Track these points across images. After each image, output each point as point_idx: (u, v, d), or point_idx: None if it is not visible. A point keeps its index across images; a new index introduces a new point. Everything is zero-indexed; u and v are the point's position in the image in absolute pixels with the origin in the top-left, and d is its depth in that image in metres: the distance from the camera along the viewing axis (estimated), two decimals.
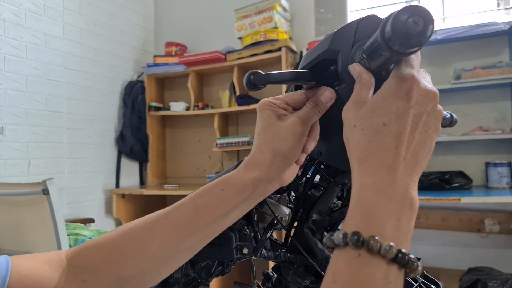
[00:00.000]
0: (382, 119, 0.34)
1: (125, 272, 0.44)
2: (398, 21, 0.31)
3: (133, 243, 0.44)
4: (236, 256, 0.55)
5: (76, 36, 2.50)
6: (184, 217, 0.43)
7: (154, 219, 0.44)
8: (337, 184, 0.55)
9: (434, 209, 2.34)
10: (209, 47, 2.84)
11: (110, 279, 0.44)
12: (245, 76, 0.40)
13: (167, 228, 0.43)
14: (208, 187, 0.44)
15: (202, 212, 0.43)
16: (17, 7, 2.15)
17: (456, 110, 2.28)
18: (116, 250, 0.44)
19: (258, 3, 2.49)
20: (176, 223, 0.44)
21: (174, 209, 0.44)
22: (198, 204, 0.44)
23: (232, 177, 0.44)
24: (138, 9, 3.06)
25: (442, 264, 2.32)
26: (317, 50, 0.45)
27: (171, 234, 0.43)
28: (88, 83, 2.58)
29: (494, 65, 2.08)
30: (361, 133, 0.35)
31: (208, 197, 0.44)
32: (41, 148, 2.27)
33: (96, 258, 0.44)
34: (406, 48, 0.32)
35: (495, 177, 2.10)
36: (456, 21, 2.38)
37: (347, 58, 0.41)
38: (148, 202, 2.89)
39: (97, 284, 0.44)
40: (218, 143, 2.61)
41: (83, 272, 0.44)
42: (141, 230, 0.44)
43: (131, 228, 0.45)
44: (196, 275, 0.61)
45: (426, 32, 0.31)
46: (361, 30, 0.41)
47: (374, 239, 0.29)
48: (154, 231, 0.44)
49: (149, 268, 0.45)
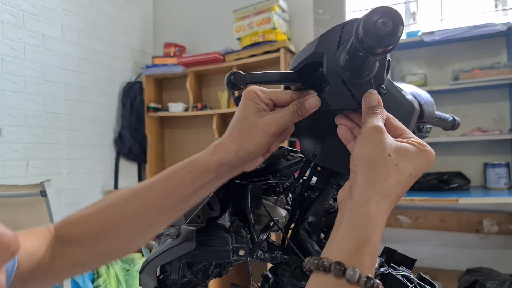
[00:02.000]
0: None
1: (106, 246, 0.48)
2: (368, 23, 0.32)
3: (110, 219, 0.47)
4: (233, 258, 0.55)
5: (74, 37, 2.50)
6: (155, 198, 0.46)
7: (128, 198, 0.47)
8: (332, 185, 0.55)
9: (432, 210, 2.34)
10: (208, 48, 2.84)
11: (94, 251, 0.48)
12: (225, 76, 0.41)
13: (139, 207, 0.47)
14: (177, 169, 0.47)
15: (171, 193, 0.46)
16: (15, 8, 2.15)
17: (455, 111, 2.29)
18: (95, 225, 0.47)
19: (257, 4, 2.49)
20: (148, 203, 0.46)
21: (145, 189, 0.47)
22: (168, 185, 0.46)
23: (199, 159, 0.46)
24: (137, 10, 3.06)
25: (440, 264, 2.33)
26: (304, 52, 0.45)
27: (143, 213, 0.47)
28: (86, 84, 2.58)
29: (492, 66, 2.08)
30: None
31: (177, 179, 0.46)
32: (39, 149, 2.27)
33: (79, 231, 0.48)
34: (379, 48, 0.33)
35: (494, 177, 2.10)
36: (454, 22, 2.39)
37: (332, 60, 0.41)
38: None
39: (85, 255, 0.48)
40: None
41: (71, 244, 0.48)
42: (116, 208, 0.48)
43: (107, 205, 0.48)
44: (193, 276, 0.61)
45: (396, 33, 0.32)
46: (346, 33, 0.42)
47: (355, 270, 0.33)
48: (127, 210, 0.47)
49: (126, 241, 0.49)
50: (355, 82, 0.40)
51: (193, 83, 2.80)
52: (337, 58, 0.41)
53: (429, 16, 2.47)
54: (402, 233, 2.43)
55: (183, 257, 0.56)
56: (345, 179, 0.55)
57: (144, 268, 0.59)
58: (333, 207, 0.61)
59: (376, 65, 0.40)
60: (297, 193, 0.62)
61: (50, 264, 0.47)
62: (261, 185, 0.58)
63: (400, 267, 0.56)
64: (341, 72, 0.40)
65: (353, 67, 0.39)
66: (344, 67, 0.40)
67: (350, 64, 0.39)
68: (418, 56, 2.41)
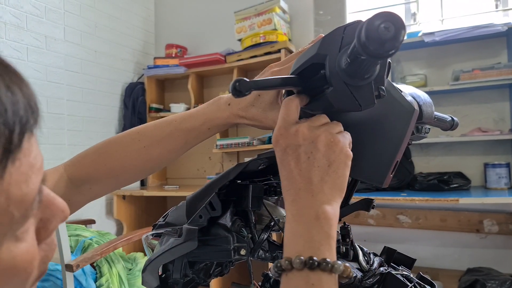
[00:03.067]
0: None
1: (121, 179, 0.57)
2: (370, 27, 0.33)
3: (125, 155, 0.56)
4: (234, 257, 0.56)
5: (77, 38, 2.52)
6: (177, 146, 0.57)
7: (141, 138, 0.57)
8: None
9: (433, 209, 2.35)
10: (209, 49, 2.85)
11: (111, 184, 0.56)
12: (230, 83, 0.42)
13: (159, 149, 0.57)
14: (195, 127, 0.56)
15: (192, 144, 0.58)
16: (18, 10, 2.17)
17: (455, 111, 2.29)
18: (112, 162, 0.55)
19: (258, 5, 2.50)
20: (168, 148, 0.57)
21: (169, 138, 0.56)
22: (190, 142, 0.57)
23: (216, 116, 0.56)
24: (139, 12, 3.07)
25: (441, 264, 2.33)
26: (307, 54, 0.46)
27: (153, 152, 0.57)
28: (89, 85, 2.60)
29: (492, 66, 2.09)
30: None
31: (197, 137, 0.57)
32: (42, 150, 2.24)
33: (96, 171, 0.55)
34: (381, 52, 0.33)
35: (494, 178, 2.11)
36: (455, 22, 2.39)
37: (334, 62, 0.42)
38: (149, 203, 2.90)
39: (102, 189, 0.56)
40: (218, 144, 2.62)
41: (88, 182, 0.55)
42: (129, 147, 0.56)
43: (118, 142, 0.56)
44: (194, 275, 0.62)
45: (398, 37, 0.33)
46: (348, 35, 0.42)
47: (289, 259, 0.36)
48: (143, 147, 0.57)
49: (141, 173, 0.58)
50: (356, 85, 0.41)
51: (194, 83, 2.81)
52: (339, 60, 0.41)
53: (429, 16, 2.48)
54: (402, 233, 2.43)
55: (185, 257, 0.57)
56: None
57: (146, 267, 0.60)
58: None
59: (377, 68, 0.41)
60: None
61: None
62: (262, 185, 0.59)
63: (400, 267, 0.57)
64: (342, 74, 0.41)
65: (354, 70, 0.40)
66: (346, 69, 0.40)
67: (351, 67, 0.39)
68: (418, 57, 2.41)
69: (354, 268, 0.55)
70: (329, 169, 0.40)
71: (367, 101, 0.42)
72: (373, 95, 0.41)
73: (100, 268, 1.79)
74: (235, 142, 2.56)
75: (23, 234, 0.25)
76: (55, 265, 1.74)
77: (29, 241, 0.25)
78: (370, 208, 0.57)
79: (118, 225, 2.79)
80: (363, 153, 0.49)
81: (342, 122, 0.50)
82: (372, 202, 0.57)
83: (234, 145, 2.56)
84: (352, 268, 0.53)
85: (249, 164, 0.54)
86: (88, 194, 0.56)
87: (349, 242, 0.59)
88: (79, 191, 0.55)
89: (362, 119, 0.49)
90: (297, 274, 0.36)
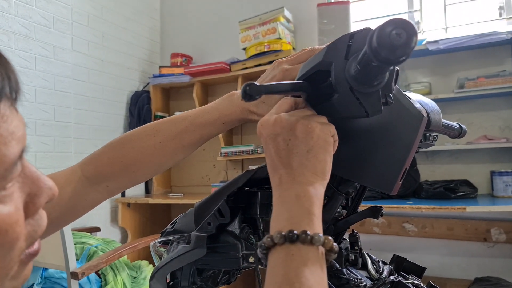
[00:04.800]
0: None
1: (137, 174, 0.58)
2: (382, 34, 0.33)
3: (140, 152, 0.56)
4: (243, 265, 0.56)
5: (84, 48, 2.55)
6: (193, 141, 0.58)
7: (158, 133, 0.58)
8: (341, 193, 0.56)
9: (439, 218, 2.33)
10: (214, 57, 2.87)
11: (127, 180, 0.57)
12: (241, 87, 0.42)
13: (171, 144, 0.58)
14: (210, 122, 0.57)
15: (205, 139, 0.59)
16: (27, 20, 2.20)
17: (460, 119, 2.29)
18: (127, 160, 0.56)
19: (262, 14, 2.52)
20: (183, 143, 0.58)
21: (184, 133, 0.57)
22: (204, 137, 0.58)
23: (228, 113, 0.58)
24: (145, 22, 3.11)
25: (448, 274, 2.31)
26: (312, 61, 0.46)
27: (168, 146, 0.58)
28: (95, 93, 2.62)
29: (497, 74, 2.09)
30: None
31: (211, 132, 0.58)
32: (49, 158, 2.30)
33: (111, 169, 0.56)
34: (392, 58, 0.34)
35: (501, 186, 2.09)
36: (459, 30, 2.40)
37: (340, 69, 0.42)
38: (153, 211, 2.91)
39: (118, 186, 0.57)
40: (222, 152, 2.62)
41: (102, 180, 0.56)
42: (144, 143, 0.57)
43: (132, 139, 0.58)
44: (203, 283, 0.61)
45: (409, 44, 0.33)
46: (356, 43, 0.42)
47: (270, 236, 0.37)
48: (158, 143, 0.57)
49: (155, 169, 0.60)
50: (364, 91, 0.41)
51: (199, 92, 2.83)
52: (348, 67, 0.42)
53: (433, 25, 2.49)
54: (408, 242, 2.41)
55: (194, 264, 0.57)
56: (354, 186, 0.56)
57: (154, 274, 0.59)
58: (341, 214, 0.62)
59: (386, 75, 0.41)
60: None
61: (80, 202, 0.56)
62: (270, 192, 0.59)
63: (410, 276, 0.56)
64: (350, 81, 0.41)
65: (363, 77, 0.40)
66: (355, 76, 0.40)
67: (361, 73, 0.40)
68: (422, 65, 2.42)
69: (364, 277, 0.54)
70: (308, 154, 0.41)
71: (374, 108, 0.42)
72: (380, 102, 0.42)
73: (105, 276, 1.79)
74: (239, 150, 2.57)
75: (6, 198, 0.26)
76: (61, 273, 1.74)
77: (12, 206, 0.27)
78: (378, 216, 0.57)
79: (123, 233, 2.79)
80: (371, 160, 0.49)
81: (350, 129, 0.50)
82: (380, 209, 0.57)
83: (239, 153, 2.57)
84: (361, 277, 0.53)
85: (258, 171, 0.54)
86: (105, 191, 0.57)
87: (358, 250, 0.59)
88: (95, 189, 0.57)
89: (371, 126, 0.49)
90: (279, 249, 0.36)
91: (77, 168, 0.58)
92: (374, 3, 2.67)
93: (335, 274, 0.53)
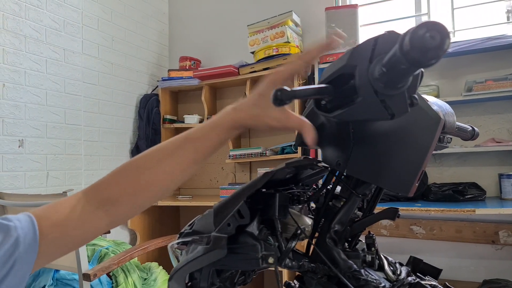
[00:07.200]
0: None
1: (141, 200, 0.57)
2: (416, 36, 0.34)
3: (144, 179, 0.56)
4: (262, 266, 0.56)
5: (94, 51, 2.58)
6: (186, 159, 0.57)
7: (161, 158, 0.57)
8: (358, 195, 0.57)
9: (447, 220, 2.33)
10: (223, 61, 2.90)
11: (128, 206, 0.56)
12: (272, 92, 0.43)
13: (174, 166, 0.58)
14: (204, 134, 0.57)
15: (202, 155, 0.58)
16: (38, 24, 2.24)
17: (469, 122, 2.28)
18: (132, 185, 0.56)
19: (271, 18, 2.54)
20: (178, 161, 0.57)
21: (180, 150, 0.57)
22: (200, 152, 0.58)
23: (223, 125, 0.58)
24: (154, 25, 3.14)
25: (457, 276, 2.30)
26: (335, 65, 0.47)
27: (176, 170, 0.57)
28: (105, 96, 2.65)
29: (505, 77, 2.09)
30: None
31: (207, 147, 0.57)
32: (59, 160, 2.33)
33: (116, 193, 0.55)
34: (423, 60, 0.34)
35: (509, 188, 2.09)
36: (467, 34, 2.40)
37: (364, 72, 0.43)
38: (162, 213, 2.93)
39: (118, 212, 0.56)
40: (231, 155, 2.64)
41: (104, 204, 0.55)
42: (149, 170, 0.57)
43: (139, 166, 0.57)
44: (221, 284, 0.62)
45: (442, 46, 0.33)
46: (380, 45, 0.43)
47: None
48: (162, 168, 0.56)
49: (161, 194, 0.58)
50: (388, 94, 0.42)
51: (208, 95, 2.85)
52: (372, 70, 0.42)
53: None
54: (416, 244, 2.41)
55: (213, 265, 0.57)
56: (370, 188, 0.57)
57: (173, 275, 0.59)
58: (357, 216, 0.63)
59: (410, 78, 0.42)
60: (320, 202, 0.63)
61: (82, 226, 0.55)
62: (288, 194, 0.60)
63: (426, 277, 0.57)
64: (375, 84, 0.42)
65: (389, 79, 0.40)
66: (380, 79, 0.41)
67: (386, 76, 0.40)
68: (430, 68, 2.41)
69: (381, 278, 0.55)
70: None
71: (400, 109, 0.42)
72: (406, 103, 0.42)
73: (116, 278, 1.81)
74: (248, 152, 2.58)
75: None
76: (72, 275, 1.76)
77: None
78: (395, 217, 0.57)
79: (132, 235, 2.81)
80: (389, 162, 0.50)
81: (368, 132, 0.51)
82: (397, 211, 0.57)
83: (247, 156, 2.58)
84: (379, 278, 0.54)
85: (276, 173, 0.55)
86: (107, 217, 0.56)
87: (374, 252, 0.59)
88: (96, 214, 0.56)
89: (389, 129, 0.50)
90: None
91: (80, 194, 0.58)
92: (382, 7, 2.68)
93: (353, 275, 0.54)
